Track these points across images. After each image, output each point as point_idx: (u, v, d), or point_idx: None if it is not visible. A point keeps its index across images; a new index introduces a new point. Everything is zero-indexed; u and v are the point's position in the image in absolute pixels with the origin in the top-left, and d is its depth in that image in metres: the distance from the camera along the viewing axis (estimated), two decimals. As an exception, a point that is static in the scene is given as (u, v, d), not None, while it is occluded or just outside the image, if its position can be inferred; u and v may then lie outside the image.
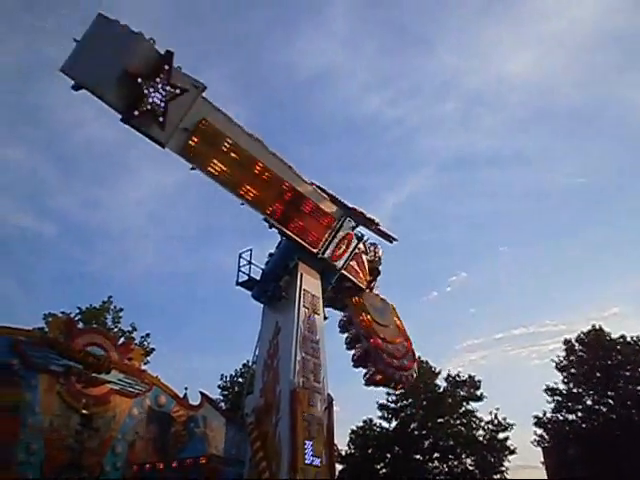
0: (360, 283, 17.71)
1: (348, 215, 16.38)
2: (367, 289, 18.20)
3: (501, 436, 34.41)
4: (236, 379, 36.97)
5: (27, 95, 69.15)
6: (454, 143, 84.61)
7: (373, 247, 18.77)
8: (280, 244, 16.28)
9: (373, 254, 18.57)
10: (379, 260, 18.59)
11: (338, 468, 31.47)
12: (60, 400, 16.89)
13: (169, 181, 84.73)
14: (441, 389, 36.44)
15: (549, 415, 35.38)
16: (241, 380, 35.64)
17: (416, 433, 34.78)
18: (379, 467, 35.08)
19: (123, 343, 23.04)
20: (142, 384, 19.81)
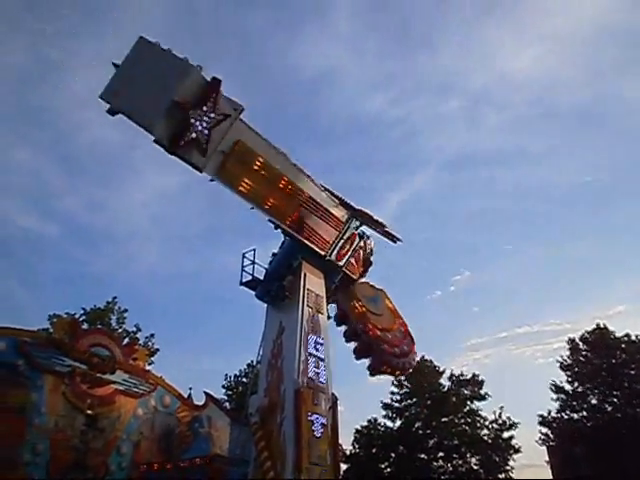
0: (354, 275, 17.76)
1: (355, 217, 16.62)
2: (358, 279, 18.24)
3: (506, 435, 34.38)
4: (240, 379, 37.05)
5: (31, 97, 69.38)
6: (458, 142, 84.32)
7: (366, 239, 18.82)
8: (283, 244, 16.30)
9: (365, 246, 18.61)
10: (371, 252, 18.62)
11: (343, 467, 31.66)
12: (65, 401, 16.91)
13: (173, 182, 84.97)
14: (445, 388, 36.45)
15: (554, 414, 35.31)
16: (245, 380, 35.70)
17: (420, 432, 34.78)
18: (384, 466, 35.09)
19: (128, 343, 23.15)
20: (147, 384, 19.85)
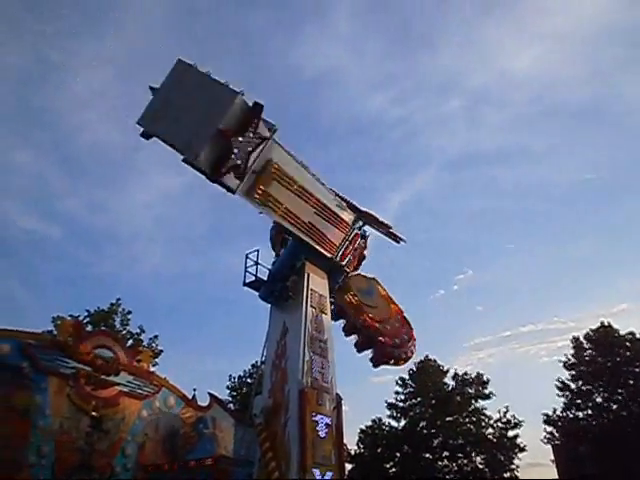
0: (349, 270, 17.73)
1: (360, 219, 16.72)
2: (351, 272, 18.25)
3: (510, 434, 34.41)
4: (244, 380, 37.10)
5: (32, 97, 69.58)
6: (459, 141, 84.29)
7: (366, 238, 18.83)
8: (287, 244, 16.29)
9: (365, 244, 18.60)
10: (365, 246, 18.64)
11: (347, 467, 31.66)
12: (70, 402, 16.95)
13: (176, 183, 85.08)
14: (450, 388, 36.45)
15: (559, 412, 35.23)
16: (250, 381, 35.77)
17: (425, 432, 34.78)
18: (388, 466, 35.12)
19: (132, 345, 23.26)
20: (151, 386, 19.87)
